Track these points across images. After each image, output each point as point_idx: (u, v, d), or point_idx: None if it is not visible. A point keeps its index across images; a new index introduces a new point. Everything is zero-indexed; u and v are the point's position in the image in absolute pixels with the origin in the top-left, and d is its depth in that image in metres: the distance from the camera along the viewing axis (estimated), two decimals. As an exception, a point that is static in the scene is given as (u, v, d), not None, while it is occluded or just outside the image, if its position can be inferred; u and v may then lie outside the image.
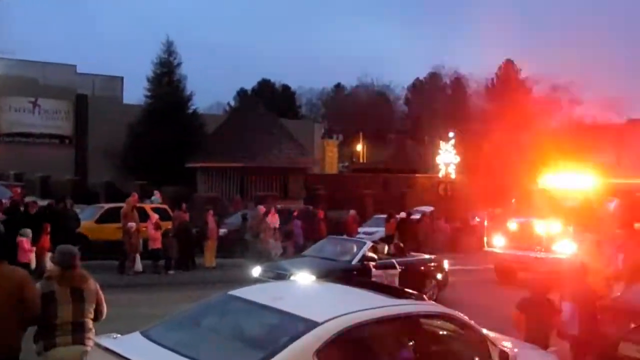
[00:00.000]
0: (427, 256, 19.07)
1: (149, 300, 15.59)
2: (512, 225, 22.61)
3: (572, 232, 20.83)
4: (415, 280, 15.96)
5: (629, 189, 27.56)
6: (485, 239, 23.93)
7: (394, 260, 16.88)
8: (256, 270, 16.62)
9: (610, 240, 20.62)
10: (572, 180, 23.19)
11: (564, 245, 20.55)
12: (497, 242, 22.81)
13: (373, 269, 15.96)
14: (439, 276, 17.94)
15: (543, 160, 26.80)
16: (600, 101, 65.38)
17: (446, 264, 18.59)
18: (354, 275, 15.60)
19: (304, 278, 14.45)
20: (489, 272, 22.61)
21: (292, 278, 14.95)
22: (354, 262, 16.32)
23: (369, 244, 17.16)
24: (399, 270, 16.35)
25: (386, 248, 18.24)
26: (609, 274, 14.02)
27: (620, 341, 9.91)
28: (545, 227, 21.41)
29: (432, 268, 18.06)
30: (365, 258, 16.35)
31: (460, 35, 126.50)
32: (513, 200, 24.11)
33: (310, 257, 17.53)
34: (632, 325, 9.69)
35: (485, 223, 26.22)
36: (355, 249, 16.96)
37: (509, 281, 21.03)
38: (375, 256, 16.63)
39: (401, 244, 19.65)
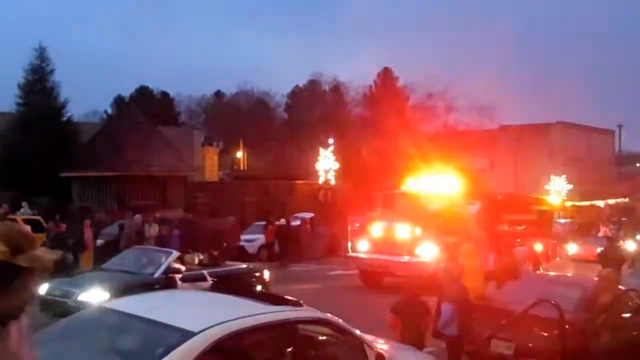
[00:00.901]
0: (244, 265, 17.83)
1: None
2: (376, 229, 22.46)
3: (433, 235, 21.08)
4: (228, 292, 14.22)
5: (490, 192, 28.82)
6: (349, 243, 23.90)
7: (204, 272, 15.33)
8: (43, 288, 14.12)
9: (475, 242, 21.48)
10: (434, 184, 23.61)
11: (426, 249, 20.79)
12: (361, 247, 22.64)
13: (179, 282, 14.54)
14: (259, 288, 16.13)
15: (413, 164, 27.70)
16: (474, 108, 67.88)
17: (267, 274, 17.11)
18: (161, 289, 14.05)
19: (95, 296, 13.21)
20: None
21: (79, 298, 13.63)
22: (156, 275, 14.75)
23: (175, 254, 15.66)
24: (210, 282, 14.54)
25: (197, 258, 16.76)
26: (484, 274, 14.46)
27: (491, 339, 10.28)
28: (407, 231, 21.40)
29: (251, 279, 16.62)
30: (170, 270, 14.88)
31: (339, 44, 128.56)
32: (376, 207, 24.19)
33: (107, 271, 15.91)
34: (502, 323, 10.05)
35: (349, 228, 26.14)
36: (159, 260, 15.42)
37: (375, 286, 21.33)
38: (182, 267, 15.25)
39: (215, 253, 18.10)
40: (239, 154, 73.28)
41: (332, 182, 47.33)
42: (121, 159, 37.06)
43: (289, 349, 6.75)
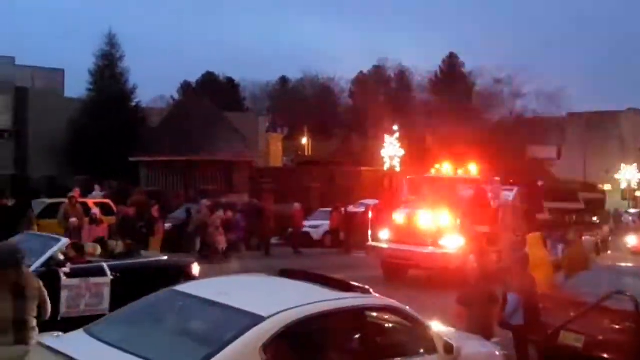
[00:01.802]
0: (164, 258, 14.68)
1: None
2: (399, 217, 20.52)
3: (461, 225, 19.49)
4: (135, 291, 9.18)
5: (531, 178, 27.12)
6: (369, 232, 21.74)
7: (104, 265, 12.52)
8: None
9: (509, 231, 20.28)
10: (467, 169, 21.99)
11: (452, 239, 19.17)
12: (383, 236, 20.63)
13: (63, 277, 11.73)
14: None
15: (478, 151, 26.52)
16: (542, 94, 66.61)
17: (196, 269, 13.92)
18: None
19: None
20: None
21: None
22: (33, 267, 11.32)
23: (63, 243, 12.62)
24: (111, 277, 12.16)
25: (96, 249, 13.77)
26: (553, 264, 14.22)
27: (560, 330, 10.11)
28: (433, 219, 19.62)
29: (169, 274, 13.01)
30: (54, 262, 11.97)
31: (404, 28, 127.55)
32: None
33: None
34: (572, 315, 9.88)
35: (370, 214, 23.77)
36: (42, 250, 12.30)
37: (398, 279, 19.35)
38: (64, 259, 12.29)
39: (129, 242, 15.89)
40: (304, 140, 73.49)
41: (397, 169, 47.14)
42: (188, 144, 37.51)
43: (358, 336, 6.77)
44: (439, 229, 19.37)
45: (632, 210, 50.29)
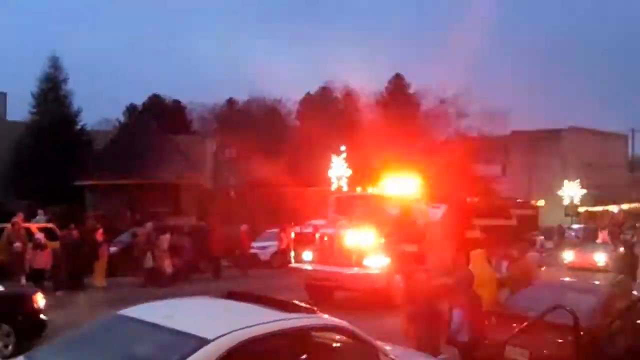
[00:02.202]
0: (0, 288, 12.90)
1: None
2: (322, 236, 19.94)
3: (386, 244, 18.93)
4: None
5: (459, 195, 25.62)
6: (292, 252, 21.23)
7: None
8: None
9: (436, 249, 19.49)
10: (396, 186, 21.28)
11: (377, 259, 18.68)
12: (306, 257, 20.12)
13: None
14: (19, 319, 12.17)
15: (424, 170, 25.96)
16: (486, 114, 67.59)
17: (41, 300, 12.76)
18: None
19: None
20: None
21: None
22: None
23: None
24: None
25: None
26: (497, 280, 14.36)
27: (505, 346, 10.24)
28: (357, 238, 19.00)
29: (4, 305, 12.17)
30: None
31: (350, 51, 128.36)
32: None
33: None
34: (516, 329, 10.01)
35: (293, 234, 23.19)
36: None
37: (324, 301, 18.08)
38: None
39: None
40: (252, 162, 73.24)
41: (345, 189, 47.26)
42: (134, 167, 37.20)
43: (304, 357, 6.76)
44: (362, 248, 18.78)
45: (575, 226, 51.24)
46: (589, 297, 11.71)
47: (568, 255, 32.70)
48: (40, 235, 22.09)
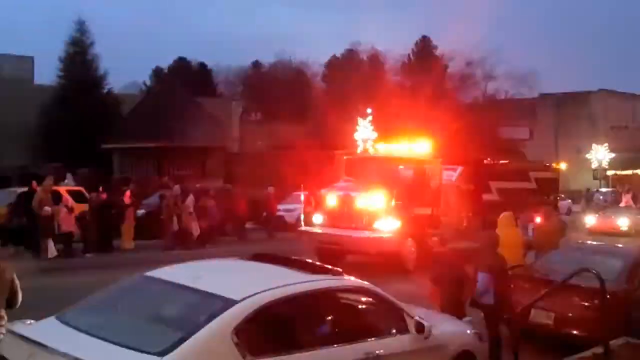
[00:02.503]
0: None
1: (65, 285, 15.09)
2: (332, 199, 19.28)
3: (398, 207, 18.32)
4: None
5: (476, 156, 24.51)
6: (301, 215, 20.83)
7: None
8: None
9: (454, 213, 19.54)
10: (409, 147, 20.35)
11: (388, 222, 18.08)
12: (316, 220, 19.55)
13: None
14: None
15: (451, 133, 25.43)
16: (513, 76, 66.89)
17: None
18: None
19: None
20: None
21: None
22: None
23: None
24: None
25: None
26: (524, 243, 14.33)
27: (531, 308, 10.25)
28: (368, 201, 18.44)
29: None
30: None
31: (377, 12, 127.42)
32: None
33: None
34: (542, 292, 10.01)
35: (302, 197, 22.31)
36: None
37: (335, 265, 17.35)
38: None
39: None
40: (277, 125, 73.28)
41: (371, 151, 47.17)
42: (161, 130, 37.37)
43: (329, 318, 6.83)
44: (373, 211, 18.21)
45: (603, 190, 50.83)
46: (616, 261, 11.68)
47: (590, 220, 32.27)
48: (69, 199, 22.31)
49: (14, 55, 53.32)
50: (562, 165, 40.91)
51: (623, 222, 30.50)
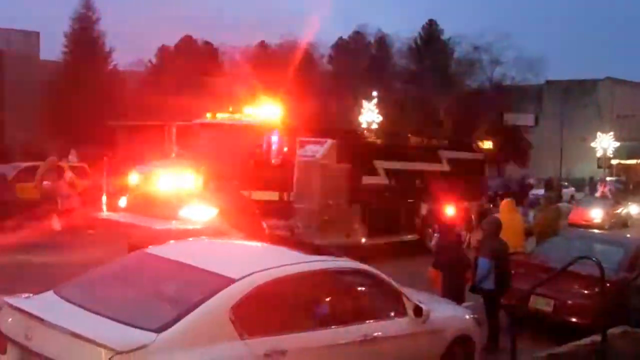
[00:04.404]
0: None
1: (66, 260, 14.89)
2: (134, 177, 15.05)
3: (217, 189, 13.94)
4: None
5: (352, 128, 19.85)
6: (103, 198, 16.15)
7: None
8: None
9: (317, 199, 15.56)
10: (262, 113, 15.94)
11: (198, 210, 13.58)
12: (120, 204, 15.02)
13: None
14: None
15: (456, 118, 24.69)
16: (520, 62, 66.56)
17: None
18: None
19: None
20: None
21: None
22: None
23: None
24: None
25: None
26: (525, 230, 14.33)
27: (530, 295, 10.26)
28: (177, 181, 14.12)
29: None
30: None
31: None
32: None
33: None
34: (542, 279, 10.02)
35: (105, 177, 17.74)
36: None
37: None
38: None
39: None
40: (283, 105, 73.14)
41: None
42: (166, 108, 37.31)
43: (328, 299, 6.83)
44: (180, 195, 13.85)
45: (607, 179, 50.75)
46: (616, 249, 11.69)
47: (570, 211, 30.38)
48: (71, 175, 22.31)
49: (21, 30, 53.11)
50: (488, 145, 36.90)
51: (597, 214, 29.46)
